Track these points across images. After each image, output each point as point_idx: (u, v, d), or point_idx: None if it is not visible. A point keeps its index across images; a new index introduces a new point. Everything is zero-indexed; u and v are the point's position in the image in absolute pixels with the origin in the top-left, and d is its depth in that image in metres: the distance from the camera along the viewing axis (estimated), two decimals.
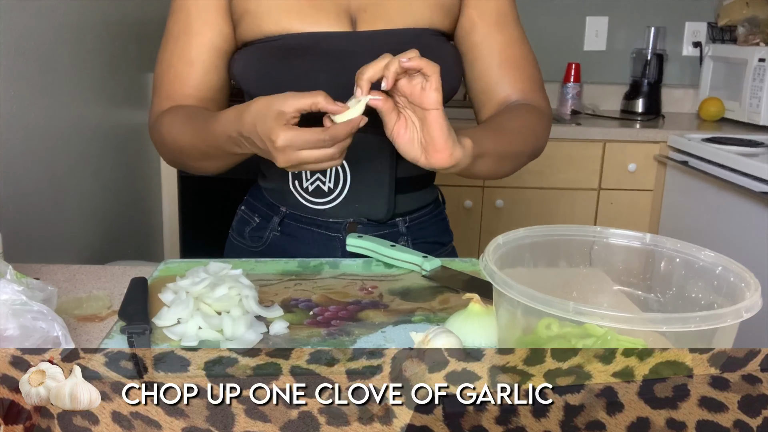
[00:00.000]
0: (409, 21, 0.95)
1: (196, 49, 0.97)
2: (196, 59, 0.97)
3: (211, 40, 0.97)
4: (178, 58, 0.98)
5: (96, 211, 1.78)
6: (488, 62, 1.00)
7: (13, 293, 0.62)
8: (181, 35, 0.98)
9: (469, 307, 0.76)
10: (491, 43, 1.00)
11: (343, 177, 0.97)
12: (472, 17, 0.99)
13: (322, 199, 0.98)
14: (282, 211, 1.02)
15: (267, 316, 0.79)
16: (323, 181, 0.97)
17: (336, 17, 0.94)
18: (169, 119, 0.95)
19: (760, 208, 1.85)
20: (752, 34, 2.51)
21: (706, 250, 0.65)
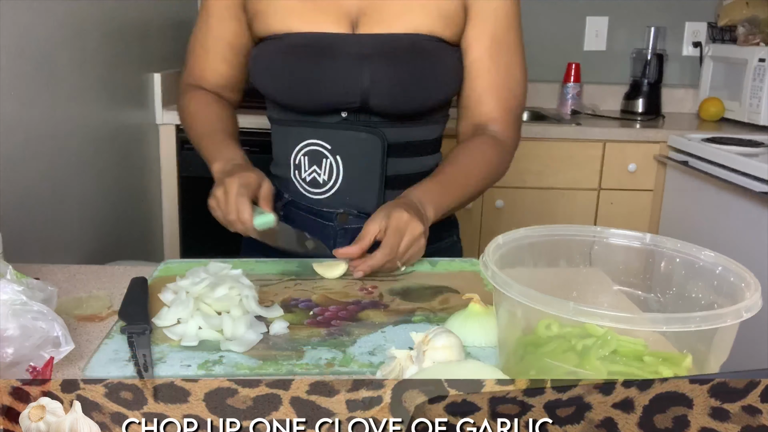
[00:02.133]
0: (409, 27, 1.00)
1: (212, 41, 1.10)
2: (211, 48, 1.10)
3: (223, 34, 1.08)
4: (199, 44, 1.12)
5: (96, 211, 1.78)
6: (474, 83, 1.06)
7: (13, 293, 0.62)
8: (203, 25, 1.11)
9: (469, 307, 0.76)
10: (480, 66, 1.05)
11: (336, 171, 1.03)
12: (469, 37, 1.04)
13: (318, 189, 1.05)
14: (285, 197, 1.09)
15: (267, 316, 0.79)
16: (318, 173, 1.04)
17: (336, 19, 1.00)
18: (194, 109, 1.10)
19: (760, 208, 1.85)
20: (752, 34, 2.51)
21: (706, 250, 0.65)
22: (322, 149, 1.02)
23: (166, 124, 2.24)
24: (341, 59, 0.98)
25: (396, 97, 0.99)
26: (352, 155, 1.02)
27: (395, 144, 1.03)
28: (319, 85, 0.99)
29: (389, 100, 0.99)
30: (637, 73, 2.71)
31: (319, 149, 1.03)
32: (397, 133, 1.03)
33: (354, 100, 0.99)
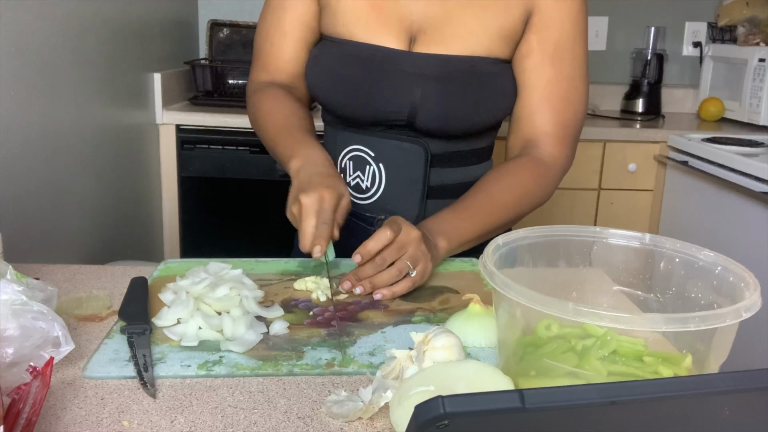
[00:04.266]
0: (466, 48, 0.97)
1: (290, 23, 1.06)
2: (289, 32, 1.06)
3: (303, 15, 1.05)
4: (275, 29, 1.07)
5: (96, 211, 1.78)
6: (530, 93, 1.00)
7: (13, 293, 0.62)
8: (278, 9, 1.07)
9: (469, 307, 0.76)
10: (539, 74, 0.99)
11: (379, 178, 1.03)
12: (531, 43, 0.99)
13: (361, 195, 1.05)
14: None
15: (267, 316, 0.79)
16: (362, 179, 1.04)
17: (396, 34, 0.99)
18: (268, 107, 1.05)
19: (760, 208, 1.85)
20: (752, 34, 2.51)
21: (706, 250, 0.65)
22: (366, 156, 1.03)
23: (166, 124, 2.24)
24: (394, 76, 0.97)
25: (443, 119, 0.98)
26: (395, 164, 1.02)
27: (440, 155, 1.02)
28: (370, 99, 0.99)
29: (436, 121, 0.98)
30: (637, 73, 2.71)
31: (363, 155, 1.03)
32: (442, 145, 1.02)
33: (401, 118, 0.99)
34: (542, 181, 1.00)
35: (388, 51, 0.98)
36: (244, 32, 2.60)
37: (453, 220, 0.93)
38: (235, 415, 0.60)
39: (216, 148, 2.24)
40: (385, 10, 0.98)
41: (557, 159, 1.01)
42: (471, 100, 0.98)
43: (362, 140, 1.03)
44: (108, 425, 0.58)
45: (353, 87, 0.99)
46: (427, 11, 0.98)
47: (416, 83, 0.97)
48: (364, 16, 0.99)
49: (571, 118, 1.01)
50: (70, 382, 0.65)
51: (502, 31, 0.98)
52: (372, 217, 1.05)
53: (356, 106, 1.01)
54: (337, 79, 1.01)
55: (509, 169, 0.99)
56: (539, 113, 1.00)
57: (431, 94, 0.97)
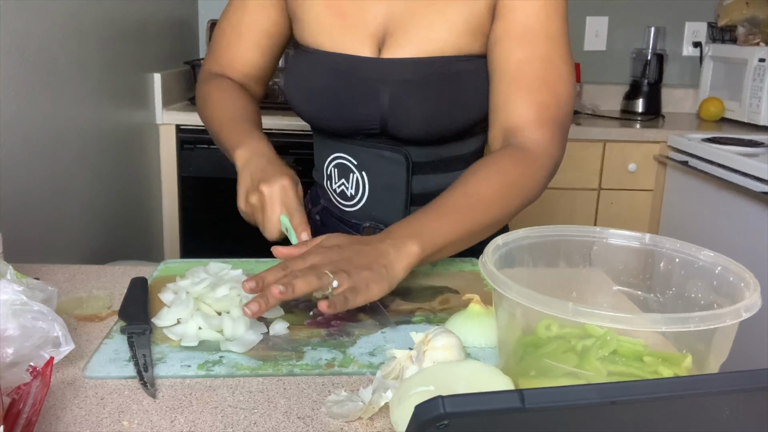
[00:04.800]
0: (433, 48, 0.94)
1: (247, 26, 1.05)
2: (245, 34, 1.06)
3: (262, 21, 1.05)
4: (231, 29, 1.07)
5: (96, 211, 1.78)
6: (501, 79, 0.92)
7: (13, 293, 0.62)
8: (237, 10, 1.06)
9: (469, 307, 0.76)
10: (507, 58, 0.92)
11: (362, 186, 1.02)
12: (496, 30, 0.93)
13: (346, 202, 1.04)
14: (321, 203, 1.10)
15: (267, 316, 0.79)
16: (347, 186, 1.03)
17: (362, 40, 0.96)
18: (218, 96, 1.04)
19: (760, 208, 1.85)
20: (752, 34, 2.51)
21: (706, 250, 0.65)
22: (349, 164, 1.02)
23: (166, 124, 2.24)
24: (362, 84, 0.96)
25: (415, 125, 0.95)
26: (377, 172, 1.01)
27: (422, 162, 1.00)
28: (340, 109, 0.98)
29: (408, 128, 0.96)
30: (637, 73, 2.71)
31: (347, 163, 1.02)
32: (423, 152, 1.00)
33: (374, 126, 0.98)
34: (527, 170, 0.89)
35: (354, 59, 0.96)
36: None
37: (426, 222, 0.82)
38: (235, 415, 0.60)
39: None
40: (350, 17, 0.96)
41: (541, 144, 0.91)
42: (441, 102, 0.94)
43: (344, 148, 1.02)
44: (108, 425, 0.58)
45: (324, 98, 0.98)
46: (390, 13, 0.95)
47: (383, 90, 0.95)
48: (329, 25, 0.97)
49: (551, 100, 0.91)
50: (70, 382, 0.65)
51: (468, 25, 0.93)
52: (358, 224, 1.04)
53: (329, 117, 0.99)
54: (308, 90, 0.99)
55: (486, 160, 0.90)
56: (513, 97, 0.91)
57: (399, 100, 0.94)
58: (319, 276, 0.71)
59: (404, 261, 0.77)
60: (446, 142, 1.00)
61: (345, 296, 0.70)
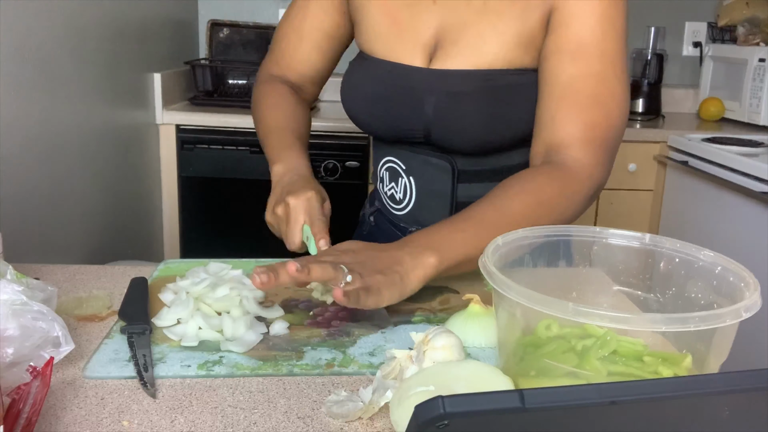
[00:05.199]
0: (483, 61, 0.93)
1: (308, 27, 1.08)
2: (307, 36, 1.08)
3: (323, 23, 1.07)
4: (293, 30, 1.09)
5: (96, 211, 1.78)
6: (549, 93, 0.89)
7: (13, 293, 0.62)
8: (299, 11, 1.09)
9: (469, 307, 0.76)
10: (559, 73, 0.88)
11: (409, 191, 1.04)
12: (549, 44, 0.90)
13: (396, 205, 1.07)
14: (376, 205, 1.14)
15: (267, 316, 0.79)
16: (396, 190, 1.06)
17: (414, 49, 0.97)
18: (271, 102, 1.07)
19: (760, 208, 1.85)
20: (752, 34, 2.51)
21: (706, 250, 0.65)
22: (399, 168, 1.04)
23: (166, 124, 2.24)
24: (409, 93, 0.97)
25: (459, 136, 0.95)
26: (424, 178, 1.02)
27: (468, 170, 1.00)
28: (387, 117, 0.99)
29: (451, 138, 0.96)
30: (637, 73, 2.71)
31: (397, 168, 1.04)
32: (470, 161, 0.99)
33: (418, 136, 0.98)
34: (564, 190, 0.85)
35: (403, 68, 0.97)
36: (244, 32, 2.60)
37: (447, 233, 0.79)
38: (235, 415, 0.60)
39: (216, 148, 2.24)
40: (404, 26, 0.97)
41: (584, 164, 0.86)
42: (487, 115, 0.93)
43: (395, 153, 1.04)
44: (108, 425, 0.58)
45: (372, 104, 1.00)
46: (443, 24, 0.95)
47: (428, 100, 0.95)
48: (384, 32, 0.99)
49: (601, 119, 0.87)
50: (70, 382, 0.65)
51: (520, 39, 0.91)
52: (406, 228, 1.07)
53: (377, 124, 1.02)
54: (360, 96, 1.02)
55: (522, 175, 0.86)
56: (560, 113, 0.88)
57: (444, 111, 0.94)
58: (335, 267, 0.70)
59: (420, 271, 0.75)
60: (493, 153, 0.98)
61: (358, 293, 0.70)
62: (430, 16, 0.96)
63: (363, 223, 1.19)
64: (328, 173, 2.22)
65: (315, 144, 2.18)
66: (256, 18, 2.73)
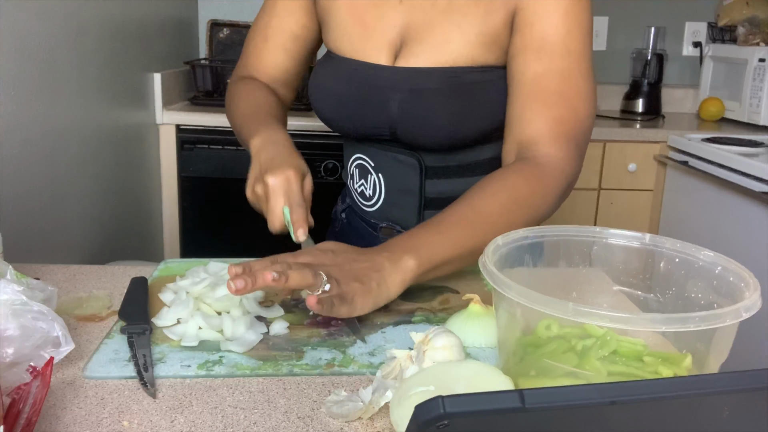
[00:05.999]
0: (446, 59, 0.94)
1: (273, 29, 1.07)
2: (271, 37, 1.07)
3: (289, 24, 1.06)
4: (258, 33, 1.09)
5: (96, 211, 1.78)
6: (517, 92, 0.91)
7: (13, 293, 0.62)
8: (265, 13, 1.08)
9: (469, 307, 0.76)
10: (524, 71, 0.90)
11: (379, 187, 1.04)
12: (515, 43, 0.92)
13: (366, 202, 1.07)
14: (347, 201, 1.14)
15: (267, 316, 0.79)
16: (366, 187, 1.06)
17: (380, 48, 0.98)
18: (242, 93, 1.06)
19: (760, 208, 1.85)
20: (752, 34, 2.51)
21: (706, 250, 0.65)
22: (368, 165, 1.04)
23: (166, 124, 2.24)
24: (374, 91, 0.97)
25: (424, 132, 0.96)
26: (392, 174, 1.02)
27: (435, 167, 1.01)
28: (353, 115, 1.00)
29: (416, 135, 0.97)
30: (637, 73, 2.71)
31: (366, 164, 1.05)
32: (437, 158, 1.00)
33: (384, 133, 0.99)
34: (537, 187, 0.86)
35: (369, 66, 0.98)
36: (244, 32, 2.60)
37: (425, 236, 0.80)
38: (235, 415, 0.60)
39: (216, 148, 2.24)
40: (370, 25, 0.98)
41: (553, 159, 0.88)
42: (451, 112, 0.94)
43: (364, 150, 1.04)
44: (108, 425, 0.58)
45: (339, 103, 1.00)
46: (409, 23, 0.96)
47: (393, 98, 0.96)
48: (350, 31, 0.99)
49: (568, 115, 0.89)
50: (70, 382, 0.65)
51: (483, 37, 0.93)
52: (376, 224, 1.07)
53: (344, 122, 1.02)
54: (327, 95, 1.01)
55: (496, 175, 0.88)
56: (528, 110, 0.90)
57: (408, 109, 0.95)
58: (315, 275, 0.71)
59: (399, 276, 0.76)
60: (459, 149, 1.00)
61: (332, 300, 0.71)
62: (396, 15, 0.97)
63: (335, 220, 1.19)
64: (327, 173, 2.22)
65: (315, 144, 2.18)
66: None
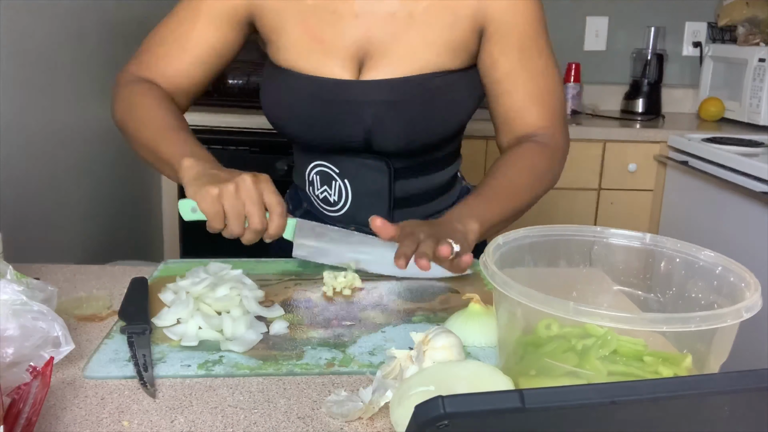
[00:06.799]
0: (414, 68, 0.96)
1: (194, 41, 1.00)
2: (191, 49, 1.01)
3: (211, 40, 1.00)
4: (174, 40, 1.01)
5: (96, 211, 1.78)
6: (512, 98, 1.01)
7: (13, 293, 0.62)
8: (185, 22, 1.01)
9: (469, 307, 0.76)
10: (514, 79, 1.00)
11: (345, 193, 1.03)
12: (493, 55, 0.99)
13: (330, 207, 1.05)
14: (304, 206, 1.11)
15: (267, 316, 0.79)
16: (330, 193, 1.04)
17: (341, 63, 0.97)
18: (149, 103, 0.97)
19: (760, 208, 1.85)
20: (752, 34, 2.51)
21: (706, 250, 0.65)
22: (331, 172, 1.03)
23: None
24: (345, 106, 0.97)
25: (397, 139, 0.98)
26: (360, 180, 1.02)
27: (402, 168, 1.02)
28: (324, 130, 0.99)
29: (392, 143, 0.98)
30: (637, 73, 2.71)
31: (329, 171, 1.04)
32: (404, 160, 1.02)
33: (358, 143, 0.99)
34: (552, 164, 1.02)
35: (336, 82, 0.97)
36: None
37: (481, 204, 0.92)
38: (235, 415, 0.60)
39: (216, 148, 2.24)
40: (328, 43, 0.97)
41: (555, 139, 1.02)
42: (423, 118, 0.98)
43: (326, 158, 1.03)
44: (108, 425, 0.58)
45: (307, 120, 0.99)
46: (370, 37, 0.96)
47: (366, 111, 0.96)
48: (307, 49, 0.98)
49: (557, 105, 1.03)
50: (70, 382, 0.65)
51: (450, 44, 0.97)
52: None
53: (312, 137, 1.01)
54: (289, 112, 1.00)
55: (521, 154, 1.00)
56: (527, 112, 1.01)
57: (383, 119, 0.96)
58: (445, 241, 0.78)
59: (471, 236, 0.86)
60: (426, 151, 1.03)
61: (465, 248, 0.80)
62: (354, 31, 0.96)
63: None
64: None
65: None
66: None
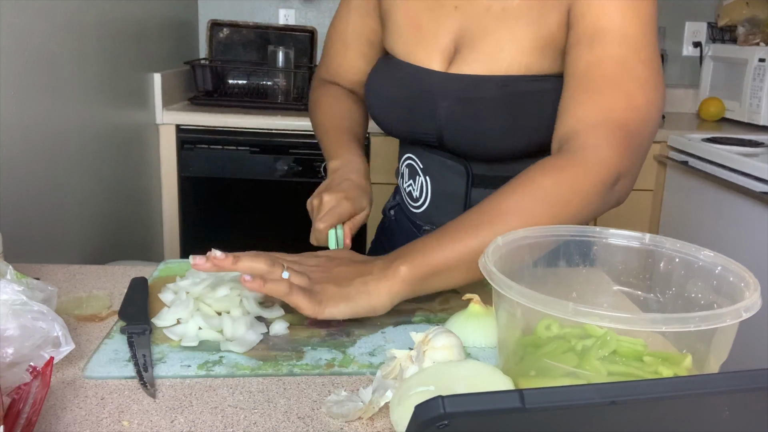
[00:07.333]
0: (500, 67, 0.91)
1: (351, 35, 1.10)
2: (351, 43, 1.11)
3: (363, 30, 1.09)
4: (338, 37, 1.13)
5: (96, 211, 1.78)
6: (567, 83, 0.85)
7: (13, 293, 0.62)
8: (342, 18, 1.11)
9: (469, 307, 0.76)
10: (576, 61, 0.84)
11: (425, 190, 1.04)
12: (570, 39, 0.86)
13: (413, 203, 1.08)
14: (397, 199, 1.15)
15: (267, 316, 0.79)
16: (414, 188, 1.06)
17: (433, 53, 0.97)
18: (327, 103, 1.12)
19: (760, 208, 1.85)
20: (752, 34, 2.51)
21: (706, 250, 0.65)
22: (417, 166, 1.05)
23: (166, 124, 2.24)
24: (424, 96, 0.96)
25: (469, 141, 0.95)
26: (439, 179, 1.02)
27: (483, 176, 0.99)
28: (402, 118, 1.00)
29: (462, 143, 0.96)
30: None
31: (415, 165, 1.05)
32: (485, 166, 0.98)
33: (432, 138, 0.98)
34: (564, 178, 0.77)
35: (421, 71, 0.97)
36: (243, 32, 2.60)
37: (420, 243, 0.77)
38: (235, 415, 0.60)
39: (216, 148, 2.24)
40: (425, 30, 0.97)
41: (591, 149, 0.78)
42: (499, 123, 0.91)
43: (414, 151, 1.05)
44: (108, 425, 0.58)
45: (390, 105, 1.01)
46: (463, 29, 0.94)
47: (441, 105, 0.94)
48: (405, 34, 0.99)
49: (618, 102, 0.79)
50: (70, 382, 0.65)
51: (537, 42, 0.89)
52: (421, 225, 1.07)
53: (394, 125, 1.03)
54: (379, 96, 1.02)
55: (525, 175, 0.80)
56: (577, 100, 0.82)
57: (455, 116, 0.93)
58: (272, 263, 0.72)
59: (386, 283, 0.74)
60: (511, 160, 0.95)
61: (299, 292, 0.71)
62: (451, 22, 0.95)
63: (384, 215, 1.20)
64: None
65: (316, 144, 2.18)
66: (256, 18, 2.73)
